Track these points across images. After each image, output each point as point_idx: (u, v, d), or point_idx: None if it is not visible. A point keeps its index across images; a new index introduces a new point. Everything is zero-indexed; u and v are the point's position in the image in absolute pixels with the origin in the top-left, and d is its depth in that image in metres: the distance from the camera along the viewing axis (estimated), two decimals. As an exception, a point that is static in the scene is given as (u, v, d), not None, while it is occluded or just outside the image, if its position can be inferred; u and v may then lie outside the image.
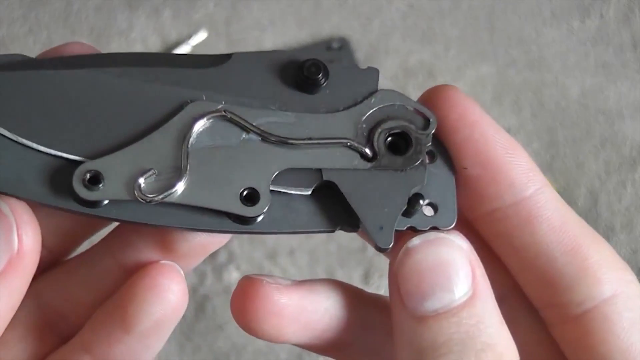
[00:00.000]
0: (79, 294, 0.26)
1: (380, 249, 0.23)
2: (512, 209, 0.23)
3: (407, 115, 0.24)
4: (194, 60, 0.24)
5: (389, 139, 0.24)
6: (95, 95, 0.23)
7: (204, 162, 0.23)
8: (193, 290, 0.61)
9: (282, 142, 0.23)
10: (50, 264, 0.26)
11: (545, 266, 0.23)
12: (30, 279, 0.23)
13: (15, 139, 0.23)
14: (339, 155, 0.24)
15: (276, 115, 0.24)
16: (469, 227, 0.24)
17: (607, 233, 0.66)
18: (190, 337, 0.60)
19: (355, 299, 0.26)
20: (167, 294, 0.24)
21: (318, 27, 0.75)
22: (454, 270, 0.22)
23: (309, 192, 0.24)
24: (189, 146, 0.23)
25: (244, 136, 0.23)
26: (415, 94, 0.77)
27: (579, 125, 0.72)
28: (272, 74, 0.24)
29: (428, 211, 0.24)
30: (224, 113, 0.23)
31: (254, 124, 0.23)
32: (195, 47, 0.73)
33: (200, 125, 0.23)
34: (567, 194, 0.68)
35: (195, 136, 0.23)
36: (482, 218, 0.24)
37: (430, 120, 0.24)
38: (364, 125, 0.24)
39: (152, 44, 0.73)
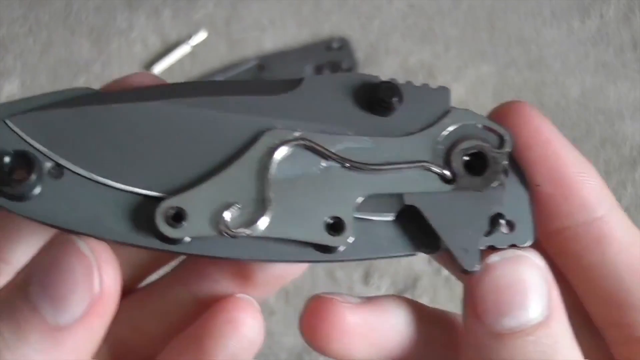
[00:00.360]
0: (149, 326, 0.26)
1: (465, 272, 0.23)
2: (582, 228, 0.23)
3: (482, 134, 0.24)
4: (265, 87, 0.24)
5: (466, 158, 0.24)
6: (169, 128, 0.23)
7: (286, 192, 0.23)
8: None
9: (363, 168, 0.23)
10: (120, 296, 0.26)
11: (613, 286, 0.23)
12: (110, 320, 0.22)
13: (90, 177, 0.22)
14: (419, 178, 0.23)
15: (353, 141, 0.23)
16: (534, 243, 0.24)
17: (607, 233, 0.66)
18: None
19: (420, 315, 0.26)
20: (244, 329, 0.24)
21: (318, 27, 0.75)
22: (532, 289, 0.22)
23: (392, 218, 0.23)
24: (270, 177, 0.22)
25: (323, 164, 0.23)
26: (415, 94, 0.76)
27: (579, 125, 0.72)
28: (345, 98, 0.24)
29: (505, 229, 0.24)
30: (302, 141, 0.23)
31: (332, 150, 0.23)
32: (195, 47, 0.73)
33: (279, 155, 0.23)
34: (567, 194, 0.68)
35: (275, 166, 0.23)
36: (550, 235, 0.24)
37: (506, 138, 0.24)
38: (441, 147, 0.24)
39: (152, 44, 0.73)
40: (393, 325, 0.25)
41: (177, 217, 0.22)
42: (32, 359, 0.21)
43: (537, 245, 0.24)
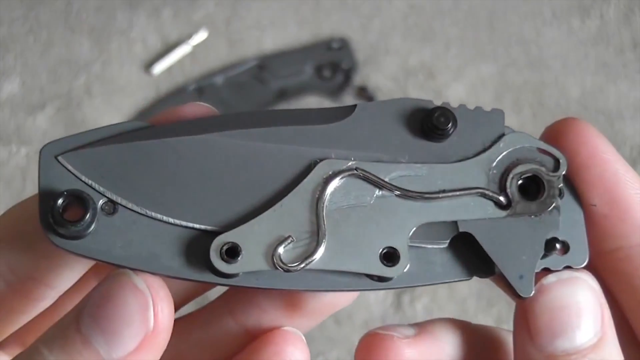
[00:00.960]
0: (195, 355, 0.26)
1: (520, 297, 0.23)
2: (636, 249, 0.23)
3: (536, 157, 0.24)
4: (317, 115, 0.24)
5: (520, 182, 0.24)
6: (220, 161, 0.22)
7: (340, 223, 0.22)
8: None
9: (416, 197, 0.23)
10: None
11: None
12: (161, 354, 0.22)
13: (144, 212, 0.22)
14: (473, 205, 0.23)
15: (407, 169, 0.23)
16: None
17: (607, 233, 0.66)
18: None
19: (470, 337, 0.26)
20: None
21: (318, 27, 0.75)
22: (586, 311, 0.22)
23: (446, 245, 0.23)
24: (324, 208, 0.22)
25: (377, 193, 0.23)
26: (415, 94, 0.77)
27: (579, 126, 0.72)
28: (398, 124, 0.23)
29: (559, 250, 0.24)
30: (355, 171, 0.23)
31: (386, 179, 0.23)
32: (195, 47, 0.73)
33: (333, 186, 0.22)
34: (567, 194, 0.68)
35: (328, 197, 0.22)
36: (603, 255, 0.24)
37: (561, 161, 0.24)
38: (495, 171, 0.23)
39: (152, 44, 0.73)
40: (448, 354, 0.25)
41: (232, 253, 0.22)
42: None
43: (588, 265, 0.24)
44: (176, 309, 0.25)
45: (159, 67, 0.72)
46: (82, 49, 0.72)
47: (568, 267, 0.23)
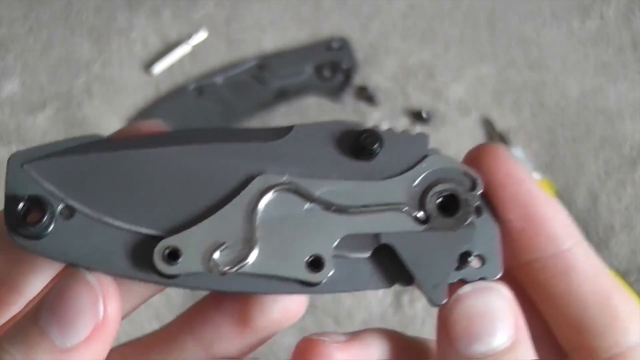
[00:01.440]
0: None
1: (433, 305, 0.25)
2: (551, 260, 0.25)
3: (456, 177, 0.26)
4: (257, 134, 0.26)
5: (440, 200, 0.26)
6: (169, 173, 0.25)
7: (272, 232, 0.25)
8: (193, 291, 0.61)
9: (342, 210, 0.25)
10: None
11: (578, 313, 0.25)
12: (110, 346, 0.24)
13: (98, 217, 0.24)
14: (395, 219, 0.25)
15: (336, 185, 0.25)
16: (506, 274, 0.26)
17: (607, 233, 0.66)
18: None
19: (400, 346, 0.28)
20: None
21: (318, 27, 0.75)
22: (499, 317, 0.24)
23: (368, 255, 0.25)
24: (257, 218, 0.25)
25: (307, 206, 0.25)
26: (415, 94, 0.77)
27: (579, 126, 0.72)
28: (330, 144, 0.26)
29: (476, 263, 0.26)
30: (288, 185, 0.25)
31: (316, 194, 0.25)
32: (195, 47, 0.73)
33: (267, 198, 0.25)
34: (566, 194, 0.68)
35: (262, 208, 0.25)
36: (522, 267, 0.26)
37: (477, 182, 0.26)
38: (416, 189, 0.26)
39: (152, 44, 0.73)
40: (377, 357, 0.27)
41: (173, 256, 0.24)
42: None
43: (510, 276, 0.26)
44: (133, 309, 0.28)
45: (159, 67, 0.72)
46: (82, 49, 0.72)
47: (483, 279, 0.25)
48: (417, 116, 0.70)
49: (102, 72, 0.71)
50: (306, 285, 0.25)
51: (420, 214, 0.25)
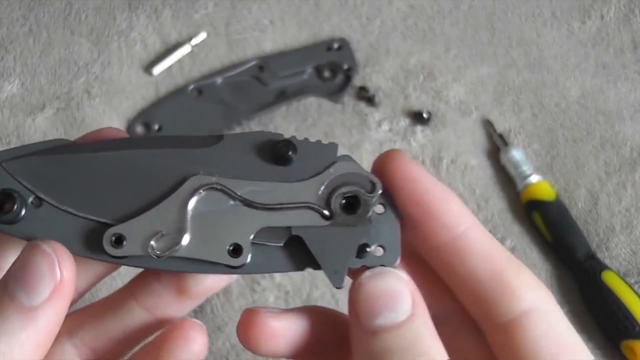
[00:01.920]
0: (107, 331, 0.33)
1: (337, 287, 0.30)
2: (447, 245, 0.30)
3: (358, 181, 0.31)
4: (194, 142, 0.31)
5: (344, 201, 0.31)
6: (119, 172, 0.30)
7: (201, 224, 0.30)
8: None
9: (259, 207, 0.30)
10: (75, 302, 0.33)
11: (476, 288, 0.29)
12: (68, 303, 0.29)
13: (61, 207, 0.30)
14: (304, 215, 0.30)
15: (256, 185, 0.30)
16: (420, 260, 0.31)
17: (607, 234, 0.66)
18: (190, 338, 0.60)
19: (330, 320, 0.33)
20: (194, 344, 0.32)
21: (318, 28, 0.75)
22: (396, 295, 0.29)
23: (282, 244, 0.30)
24: (189, 212, 0.30)
25: (231, 203, 0.30)
26: (415, 95, 0.77)
27: (579, 126, 0.72)
28: (254, 152, 0.31)
29: (378, 252, 0.31)
30: (216, 185, 0.30)
31: (238, 193, 0.30)
32: (195, 47, 0.73)
33: (198, 195, 0.30)
34: (567, 195, 0.68)
35: (194, 204, 0.30)
36: (428, 252, 0.31)
37: (376, 185, 0.31)
38: (324, 191, 0.31)
39: (151, 44, 0.73)
40: (305, 328, 0.32)
41: (118, 241, 0.30)
42: (17, 334, 0.28)
43: (423, 261, 0.31)
44: (92, 283, 0.33)
45: (159, 68, 0.72)
46: (81, 49, 0.72)
47: (383, 265, 0.30)
48: (417, 117, 0.70)
49: (102, 72, 0.71)
50: (229, 267, 0.30)
51: (327, 212, 0.30)
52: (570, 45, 0.77)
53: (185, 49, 0.73)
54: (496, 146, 0.70)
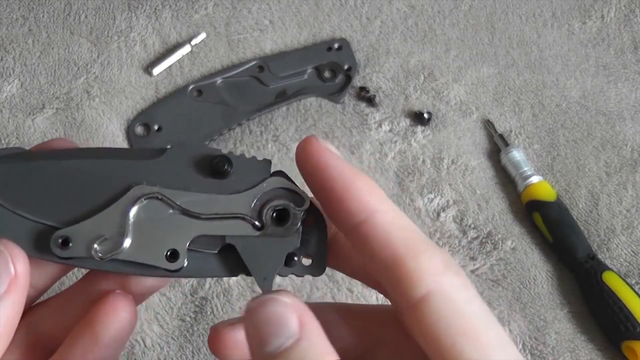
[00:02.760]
0: (62, 319, 0.35)
1: (264, 291, 0.32)
2: (353, 232, 0.30)
3: (289, 195, 0.33)
4: (140, 154, 0.33)
5: (275, 213, 0.33)
6: (69, 180, 0.33)
7: (142, 230, 0.32)
8: (193, 293, 0.61)
9: (196, 216, 0.32)
10: (36, 298, 0.36)
11: (380, 276, 0.30)
12: (25, 295, 0.32)
13: (14, 210, 0.32)
14: (237, 226, 0.32)
15: (194, 196, 0.32)
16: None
17: (608, 235, 0.66)
18: (190, 339, 0.59)
19: None
20: (123, 313, 0.34)
21: (318, 28, 0.75)
22: (281, 321, 0.29)
23: (216, 252, 0.33)
24: (131, 218, 0.32)
25: (170, 211, 0.32)
26: (416, 95, 0.77)
27: (580, 127, 0.72)
28: (192, 164, 0.33)
29: (307, 262, 0.33)
30: (157, 195, 0.32)
31: (177, 202, 0.32)
32: (194, 47, 0.73)
33: (140, 203, 0.32)
34: (567, 196, 0.68)
35: (135, 211, 0.32)
36: (349, 233, 0.31)
37: (305, 200, 0.33)
38: (257, 203, 0.33)
39: (151, 45, 0.73)
40: None
41: (64, 243, 0.32)
42: None
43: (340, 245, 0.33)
44: (48, 283, 0.35)
45: (159, 68, 0.71)
46: (81, 50, 0.72)
47: (310, 274, 0.33)
48: (418, 117, 0.70)
49: (102, 72, 0.71)
50: (166, 271, 0.32)
51: (258, 223, 0.32)
52: (571, 45, 0.76)
53: (185, 49, 0.72)
54: (497, 147, 0.70)
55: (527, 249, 0.65)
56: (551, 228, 0.64)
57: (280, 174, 0.33)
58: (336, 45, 0.74)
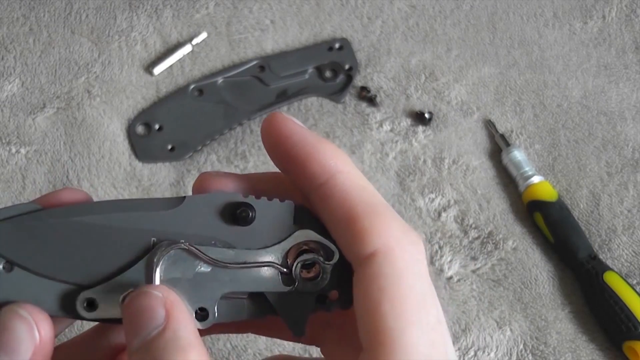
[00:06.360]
0: None
1: (297, 335, 0.32)
2: (312, 194, 0.31)
3: (318, 247, 0.32)
4: (158, 204, 0.33)
5: (303, 264, 0.32)
6: (88, 237, 0.32)
7: (171, 287, 0.31)
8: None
9: (225, 266, 0.32)
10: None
11: (337, 235, 0.31)
12: (49, 359, 0.31)
13: (32, 270, 0.31)
14: (268, 279, 0.32)
15: (221, 253, 0.32)
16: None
17: (609, 235, 0.66)
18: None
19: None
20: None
21: (319, 27, 0.75)
22: (143, 313, 0.30)
23: (245, 297, 0.33)
24: (158, 278, 0.31)
25: (198, 267, 0.32)
26: (417, 95, 0.77)
27: (581, 127, 0.72)
28: (214, 212, 0.32)
29: (334, 295, 0.33)
30: (183, 247, 0.31)
31: (204, 257, 0.31)
32: (195, 47, 0.73)
33: (165, 259, 0.31)
34: (569, 196, 0.68)
35: (162, 269, 0.31)
36: (311, 201, 0.32)
37: (334, 254, 0.32)
38: (285, 258, 0.32)
39: (152, 44, 0.73)
40: None
41: (90, 304, 0.31)
42: None
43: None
44: (67, 326, 0.36)
45: (160, 68, 0.71)
46: (82, 49, 0.72)
47: (338, 309, 0.33)
48: (419, 117, 0.70)
49: (102, 72, 0.71)
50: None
51: (287, 271, 0.32)
52: (572, 45, 0.76)
53: (186, 49, 0.72)
54: (498, 147, 0.70)
55: (528, 249, 0.65)
56: (552, 228, 0.64)
57: (306, 224, 0.33)
58: (337, 45, 0.74)
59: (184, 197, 0.33)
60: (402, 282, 0.29)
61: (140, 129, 0.68)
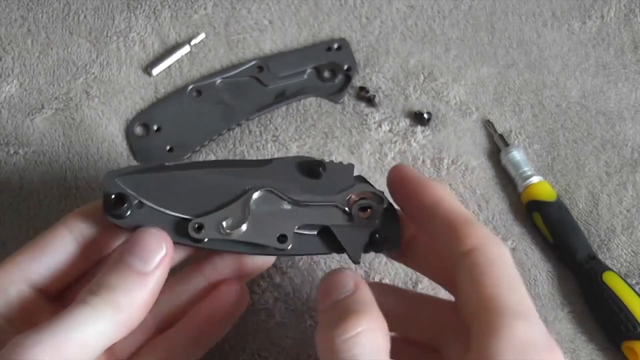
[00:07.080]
0: (179, 298, 0.47)
1: (355, 262, 0.44)
2: (426, 213, 0.44)
3: (372, 197, 0.46)
4: (253, 163, 0.46)
5: (361, 207, 0.46)
6: (200, 184, 0.44)
7: (257, 219, 0.44)
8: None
9: (303, 205, 0.45)
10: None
11: (441, 239, 0.42)
12: (167, 273, 0.41)
13: (156, 208, 0.43)
14: (334, 215, 0.45)
15: (302, 196, 0.45)
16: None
17: (608, 235, 0.66)
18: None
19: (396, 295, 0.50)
20: (235, 295, 0.47)
21: (318, 28, 0.75)
22: (342, 280, 0.42)
23: (315, 233, 0.45)
24: (250, 209, 0.44)
25: (282, 205, 0.45)
26: (415, 95, 0.77)
27: (580, 127, 0.72)
28: (295, 169, 0.46)
29: (386, 240, 0.46)
30: (271, 189, 0.45)
31: (286, 197, 0.45)
32: (194, 47, 0.73)
33: (257, 198, 0.44)
34: (568, 196, 0.68)
35: (254, 203, 0.44)
36: (421, 221, 0.45)
37: (384, 199, 0.46)
38: (347, 200, 0.46)
39: (150, 45, 0.73)
40: None
41: (199, 228, 0.43)
42: (134, 292, 0.39)
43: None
44: (179, 260, 0.47)
45: (158, 68, 0.71)
46: (80, 50, 0.72)
47: (387, 250, 0.46)
48: (417, 117, 0.70)
49: (101, 73, 0.71)
50: (277, 250, 0.44)
51: (348, 210, 0.45)
52: (571, 45, 0.76)
53: (184, 50, 0.72)
54: (497, 147, 0.70)
55: (527, 249, 0.65)
56: (551, 228, 0.64)
57: (361, 179, 0.46)
58: (336, 46, 0.74)
59: (272, 159, 0.46)
60: (494, 267, 0.38)
61: (138, 130, 0.68)
